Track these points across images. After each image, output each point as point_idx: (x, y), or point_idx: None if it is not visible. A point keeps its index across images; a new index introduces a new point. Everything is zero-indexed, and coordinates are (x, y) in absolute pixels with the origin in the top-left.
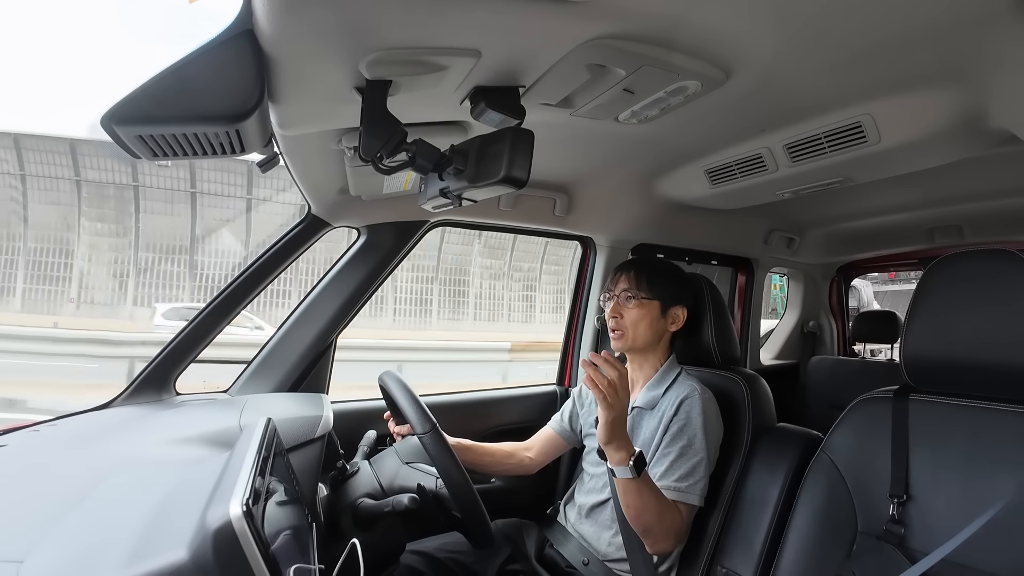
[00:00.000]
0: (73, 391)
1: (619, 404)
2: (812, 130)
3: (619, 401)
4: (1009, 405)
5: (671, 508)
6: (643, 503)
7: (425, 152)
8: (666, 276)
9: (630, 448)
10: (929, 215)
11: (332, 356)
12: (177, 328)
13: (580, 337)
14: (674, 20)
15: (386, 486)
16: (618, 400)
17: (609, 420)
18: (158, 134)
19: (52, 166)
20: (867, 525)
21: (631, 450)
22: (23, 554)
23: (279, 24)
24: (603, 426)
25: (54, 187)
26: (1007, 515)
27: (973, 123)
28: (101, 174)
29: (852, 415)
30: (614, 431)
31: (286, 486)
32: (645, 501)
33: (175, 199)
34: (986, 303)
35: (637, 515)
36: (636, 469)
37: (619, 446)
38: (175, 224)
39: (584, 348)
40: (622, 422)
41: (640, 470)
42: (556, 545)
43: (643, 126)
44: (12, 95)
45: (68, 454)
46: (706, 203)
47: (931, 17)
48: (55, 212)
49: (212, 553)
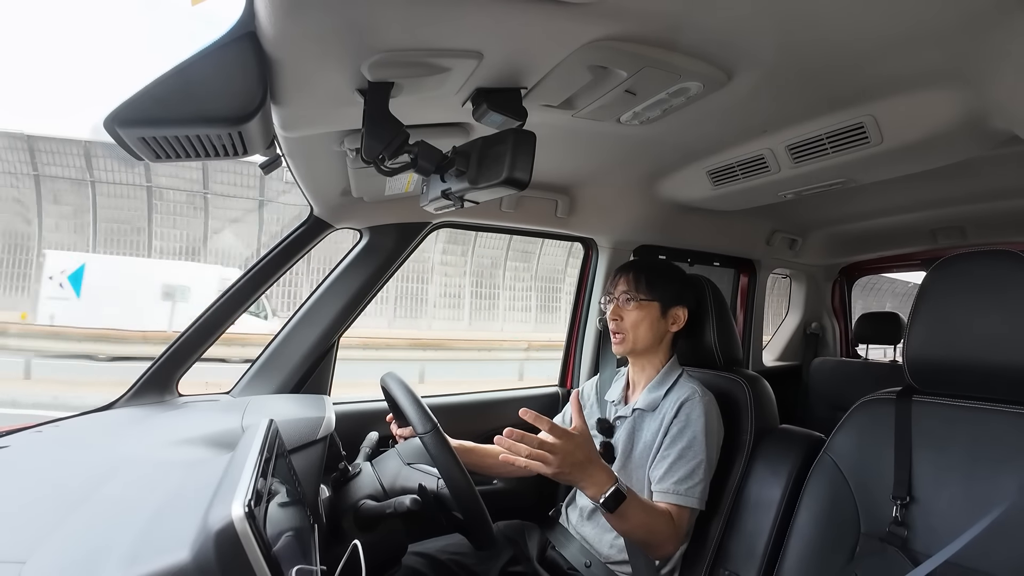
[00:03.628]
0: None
1: (557, 461)
2: (814, 131)
3: (554, 460)
4: (1012, 406)
5: (662, 519)
6: (628, 526)
7: (427, 154)
8: (665, 277)
9: (600, 485)
10: (932, 216)
11: (334, 357)
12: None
13: (582, 339)
14: (675, 21)
15: (388, 487)
16: (552, 460)
17: (552, 475)
18: (161, 136)
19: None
20: (870, 527)
21: (602, 487)
22: (26, 555)
23: (281, 26)
24: (557, 480)
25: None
26: (1011, 517)
27: (975, 124)
28: (112, 175)
29: (855, 417)
30: (570, 480)
31: (288, 487)
32: (630, 524)
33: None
34: (989, 304)
35: (626, 535)
36: (607, 507)
37: (585, 486)
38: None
39: (586, 350)
40: (577, 466)
41: (613, 507)
42: (558, 547)
43: (645, 127)
44: (26, 97)
45: (70, 455)
46: (708, 204)
47: (933, 17)
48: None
49: (214, 554)
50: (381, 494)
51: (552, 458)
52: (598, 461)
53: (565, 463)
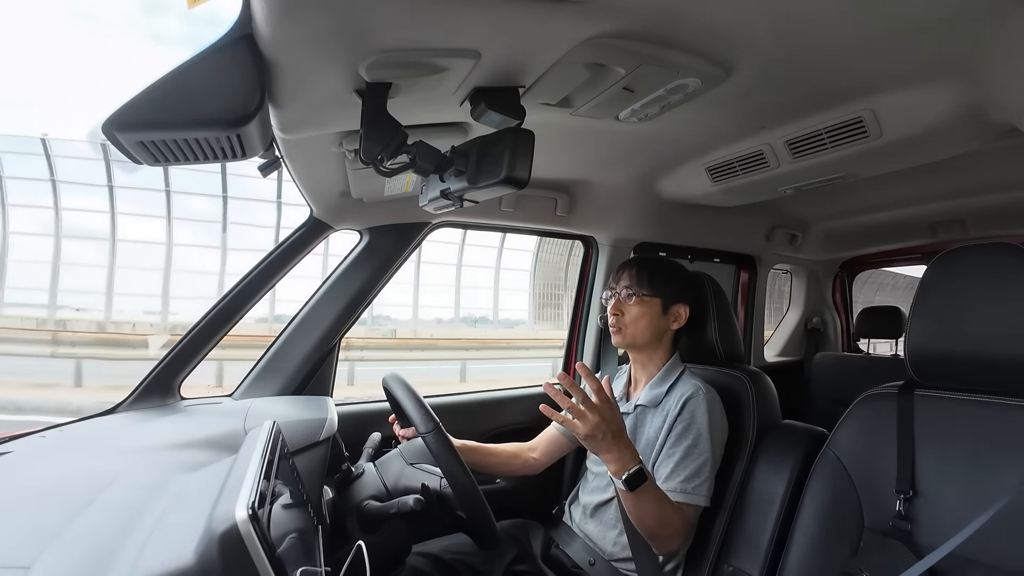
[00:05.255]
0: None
1: (594, 422)
2: (813, 126)
3: (592, 419)
4: (1014, 399)
5: (674, 511)
6: (642, 512)
7: (426, 154)
8: (667, 274)
9: (625, 462)
10: (931, 210)
11: (336, 359)
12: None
13: (583, 336)
14: (673, 17)
15: (391, 488)
16: (591, 419)
17: (584, 435)
18: (159, 139)
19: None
20: (873, 521)
21: (627, 464)
22: (30, 560)
23: (278, 28)
24: (586, 443)
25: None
26: (1015, 509)
27: (975, 117)
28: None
29: (857, 411)
30: (599, 446)
31: (291, 489)
32: (644, 509)
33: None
34: (989, 297)
35: (638, 522)
36: (628, 484)
37: (610, 459)
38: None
39: (587, 347)
40: (614, 433)
41: (634, 486)
42: (562, 545)
43: (643, 124)
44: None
45: (74, 460)
46: (707, 201)
47: (932, 11)
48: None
49: (218, 556)
50: (384, 495)
51: (592, 417)
52: (627, 439)
53: (600, 428)
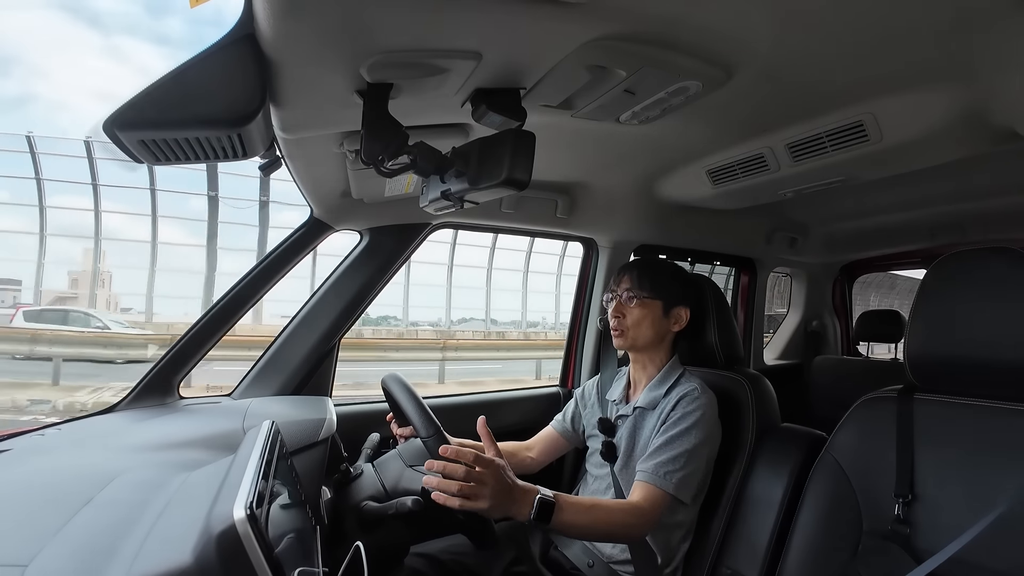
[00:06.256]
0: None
1: (489, 492)
2: (814, 129)
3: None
4: (1013, 403)
5: (617, 513)
6: (578, 531)
7: (426, 155)
8: (669, 277)
9: (529, 502)
10: (931, 213)
11: (335, 359)
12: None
13: (583, 338)
14: (674, 20)
15: (390, 488)
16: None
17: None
18: (160, 139)
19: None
20: (872, 525)
21: (530, 503)
22: (27, 558)
23: (280, 28)
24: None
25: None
26: (1014, 513)
27: (975, 121)
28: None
29: (856, 415)
30: (503, 507)
31: (290, 489)
32: (578, 528)
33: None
34: (989, 301)
35: (583, 537)
36: (542, 519)
37: (516, 511)
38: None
39: (587, 349)
40: (505, 492)
41: (548, 518)
42: (561, 547)
43: (644, 127)
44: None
45: (72, 459)
46: (708, 203)
47: (932, 15)
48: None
49: (216, 556)
50: (383, 495)
51: (484, 490)
52: (517, 483)
53: (496, 494)
